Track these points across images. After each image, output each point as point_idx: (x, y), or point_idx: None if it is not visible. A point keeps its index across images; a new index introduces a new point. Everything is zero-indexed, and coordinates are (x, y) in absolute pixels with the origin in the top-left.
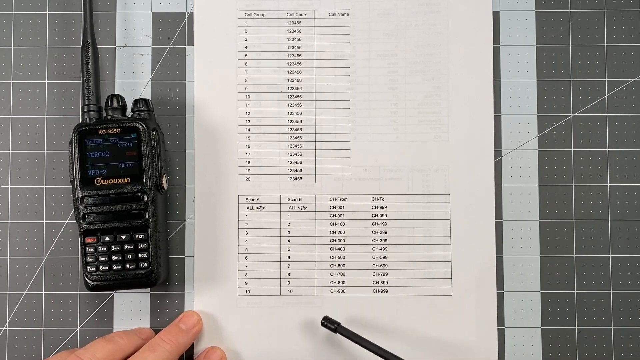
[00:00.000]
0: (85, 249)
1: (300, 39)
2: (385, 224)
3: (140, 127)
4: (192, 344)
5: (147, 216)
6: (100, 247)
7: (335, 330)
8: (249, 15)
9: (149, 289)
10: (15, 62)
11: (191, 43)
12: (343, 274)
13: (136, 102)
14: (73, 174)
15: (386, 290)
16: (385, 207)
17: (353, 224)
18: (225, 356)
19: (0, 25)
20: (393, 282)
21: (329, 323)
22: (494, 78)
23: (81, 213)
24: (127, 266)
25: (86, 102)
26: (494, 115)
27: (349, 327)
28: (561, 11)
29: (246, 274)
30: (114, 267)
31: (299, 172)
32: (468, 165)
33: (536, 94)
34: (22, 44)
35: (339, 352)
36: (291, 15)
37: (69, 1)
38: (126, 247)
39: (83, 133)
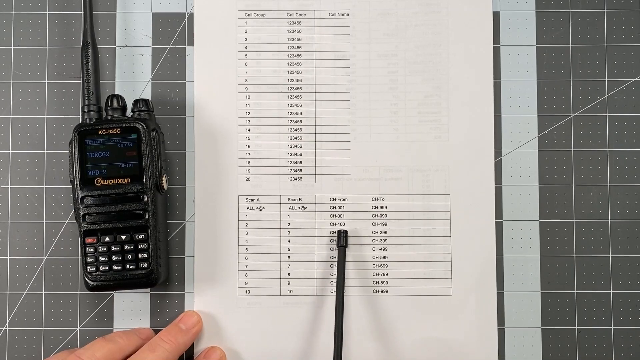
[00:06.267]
0: (85, 249)
1: (300, 39)
2: (385, 224)
3: (140, 127)
4: (192, 344)
5: (147, 216)
6: (100, 247)
7: (337, 245)
8: (249, 15)
9: (149, 289)
10: (15, 62)
11: (191, 43)
12: None
13: (136, 102)
14: (73, 174)
15: (386, 290)
16: (385, 207)
17: (353, 224)
18: (225, 356)
19: (0, 25)
20: (393, 282)
21: (342, 237)
22: (494, 78)
23: (81, 213)
24: (127, 266)
25: (86, 102)
26: (494, 115)
27: (349, 326)
28: (561, 11)
29: (246, 274)
30: (114, 267)
31: (299, 172)
32: (468, 165)
33: (536, 94)
34: (22, 44)
35: None
36: (291, 15)
37: (69, 1)
38: (126, 247)
39: (83, 133)
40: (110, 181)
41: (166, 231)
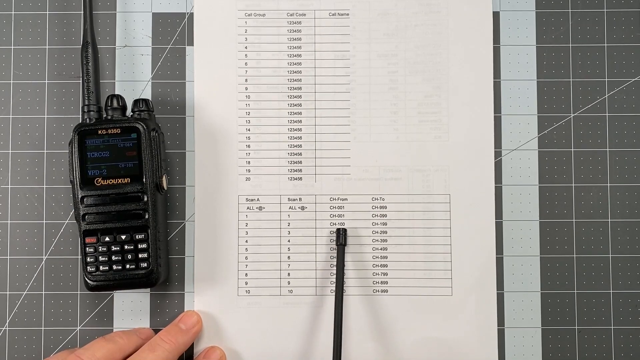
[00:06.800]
0: (85, 249)
1: (300, 39)
2: (385, 224)
3: (140, 127)
4: (192, 344)
5: (147, 216)
6: (100, 247)
7: (336, 243)
8: (249, 15)
9: (149, 289)
10: (15, 62)
11: (191, 43)
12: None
13: (136, 102)
14: (73, 174)
15: (386, 290)
16: (385, 207)
17: (353, 224)
18: (224, 356)
19: (0, 25)
20: (393, 282)
21: (341, 236)
22: (494, 78)
23: (81, 213)
24: (127, 266)
25: (86, 102)
26: (494, 115)
27: (349, 326)
28: (561, 11)
29: (246, 274)
30: (114, 267)
31: (299, 172)
32: (468, 165)
33: (536, 94)
34: (22, 44)
35: None
36: (291, 15)
37: (69, 1)
38: (126, 247)
39: (83, 133)
40: (110, 181)
41: (166, 231)
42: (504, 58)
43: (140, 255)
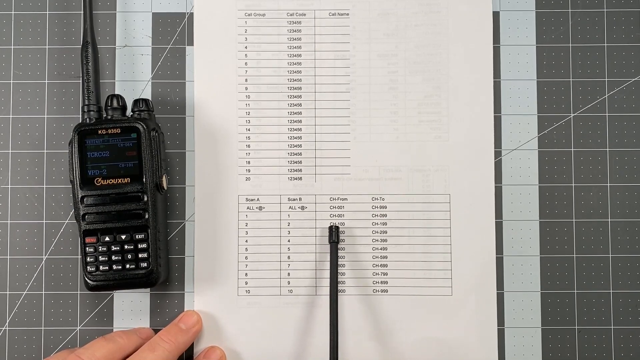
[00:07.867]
0: (85, 249)
1: (300, 39)
2: (385, 224)
3: (140, 127)
4: (192, 344)
5: (147, 216)
6: (100, 247)
7: (329, 241)
8: (249, 15)
9: (149, 289)
10: (15, 62)
11: (191, 43)
12: (343, 273)
13: (136, 102)
14: (73, 174)
15: (386, 290)
16: (385, 207)
17: (353, 224)
18: (224, 356)
19: (0, 25)
20: (393, 282)
21: (334, 233)
22: (494, 78)
23: (81, 213)
24: (127, 266)
25: (86, 102)
26: (494, 115)
27: (349, 326)
28: (561, 11)
29: (246, 274)
30: (114, 267)
31: (299, 172)
32: (468, 165)
33: (536, 94)
34: (22, 44)
35: (339, 352)
36: (291, 15)
37: (69, 1)
38: (126, 247)
39: (83, 133)
40: (110, 181)
41: (166, 231)
42: (504, 58)
43: (140, 255)
